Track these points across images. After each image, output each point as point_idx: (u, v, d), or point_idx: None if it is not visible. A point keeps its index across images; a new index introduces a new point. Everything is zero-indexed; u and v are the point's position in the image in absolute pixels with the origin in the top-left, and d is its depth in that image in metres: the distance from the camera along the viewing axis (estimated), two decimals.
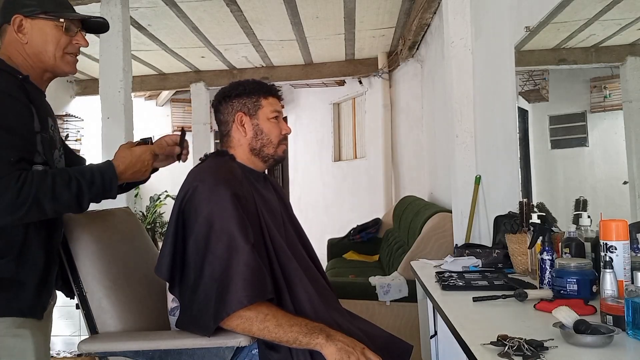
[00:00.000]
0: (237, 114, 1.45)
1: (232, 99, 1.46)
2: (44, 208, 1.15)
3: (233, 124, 1.46)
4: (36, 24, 1.27)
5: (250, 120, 1.45)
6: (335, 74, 6.41)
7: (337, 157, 7.47)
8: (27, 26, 1.27)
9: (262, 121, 1.46)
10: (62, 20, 1.29)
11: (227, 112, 1.47)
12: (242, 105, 1.46)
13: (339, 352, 1.19)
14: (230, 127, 1.47)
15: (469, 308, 1.39)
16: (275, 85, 1.53)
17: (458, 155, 2.83)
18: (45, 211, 1.16)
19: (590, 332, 1.03)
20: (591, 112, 1.81)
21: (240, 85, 1.48)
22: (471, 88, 2.82)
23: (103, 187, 1.24)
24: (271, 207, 1.48)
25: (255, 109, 1.46)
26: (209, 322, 1.21)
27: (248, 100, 1.46)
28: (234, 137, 1.47)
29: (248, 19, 4.59)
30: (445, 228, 3.01)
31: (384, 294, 2.95)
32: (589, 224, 1.70)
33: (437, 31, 4.01)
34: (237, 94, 1.46)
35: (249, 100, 1.46)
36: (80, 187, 1.19)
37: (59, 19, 1.29)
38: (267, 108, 1.47)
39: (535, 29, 2.01)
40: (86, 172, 1.23)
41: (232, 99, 1.46)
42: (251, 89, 1.47)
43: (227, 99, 1.47)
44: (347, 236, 5.07)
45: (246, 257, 1.23)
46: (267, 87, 1.49)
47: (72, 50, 1.34)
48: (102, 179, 1.24)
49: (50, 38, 1.28)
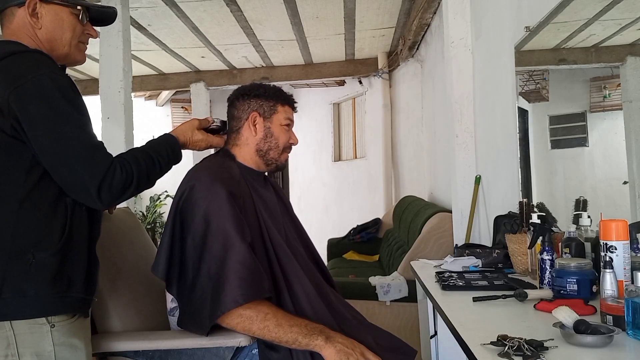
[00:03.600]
0: (251, 113, 1.47)
1: (250, 98, 1.48)
2: (141, 190, 1.18)
3: (245, 122, 1.48)
4: (52, 9, 1.22)
5: (263, 122, 1.47)
6: (335, 74, 6.41)
7: (337, 157, 7.47)
8: (42, 11, 1.21)
9: (275, 126, 1.49)
10: (79, 7, 1.25)
11: (242, 109, 1.49)
12: (259, 106, 1.48)
13: (337, 353, 1.19)
14: (242, 124, 1.48)
15: (469, 308, 1.39)
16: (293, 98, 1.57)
17: (458, 155, 2.83)
18: (139, 192, 1.19)
19: (590, 332, 1.03)
20: (591, 112, 1.81)
21: (261, 87, 1.51)
22: (471, 88, 2.82)
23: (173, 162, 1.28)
24: (270, 207, 1.48)
25: (271, 112, 1.49)
26: (205, 320, 1.22)
27: (265, 103, 1.48)
28: (243, 134, 1.49)
29: (248, 19, 4.59)
30: (445, 228, 3.01)
31: (384, 294, 2.95)
32: (589, 224, 1.69)
33: (437, 31, 4.01)
34: (256, 95, 1.49)
35: (266, 103, 1.48)
36: (162, 166, 1.23)
37: (75, 6, 1.25)
38: (282, 115, 1.50)
39: (535, 29, 2.01)
40: (162, 151, 1.24)
41: (250, 98, 1.48)
42: (271, 93, 1.49)
43: (245, 97, 1.49)
44: (347, 236, 5.07)
45: (242, 256, 1.23)
46: (286, 95, 1.53)
47: (84, 39, 1.30)
48: (175, 155, 1.28)
49: (67, 25, 1.24)
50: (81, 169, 1.09)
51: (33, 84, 1.08)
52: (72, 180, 1.10)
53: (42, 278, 1.08)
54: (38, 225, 1.10)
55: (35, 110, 1.07)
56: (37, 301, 1.08)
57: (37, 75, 1.09)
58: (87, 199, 1.12)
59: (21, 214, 1.08)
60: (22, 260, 1.07)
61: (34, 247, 1.08)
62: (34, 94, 1.07)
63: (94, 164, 1.09)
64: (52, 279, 1.09)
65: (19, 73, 1.08)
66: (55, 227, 1.12)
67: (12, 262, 1.07)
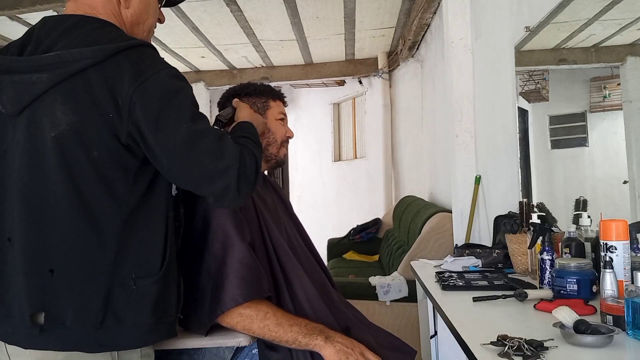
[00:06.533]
0: None
1: (241, 97, 1.48)
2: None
3: None
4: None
5: None
6: (335, 74, 6.41)
7: (337, 157, 7.47)
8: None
9: (270, 121, 1.49)
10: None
11: None
12: (252, 104, 1.48)
13: (337, 353, 1.19)
14: None
15: (469, 308, 1.39)
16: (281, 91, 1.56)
17: (458, 155, 2.83)
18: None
19: (590, 332, 1.03)
20: (591, 112, 1.81)
21: (250, 86, 1.51)
22: (471, 88, 2.82)
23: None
24: (270, 207, 1.48)
25: (264, 108, 1.49)
26: (204, 319, 1.22)
27: (257, 100, 1.48)
28: None
29: (248, 19, 4.59)
30: (445, 228, 3.01)
31: (384, 294, 2.95)
32: (589, 224, 1.69)
33: (437, 31, 4.01)
34: (247, 93, 1.49)
35: (258, 100, 1.48)
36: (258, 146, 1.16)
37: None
38: (275, 109, 1.50)
39: (535, 29, 2.01)
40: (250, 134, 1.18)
41: (242, 97, 1.48)
42: (261, 90, 1.49)
43: (237, 97, 1.48)
44: (347, 236, 5.07)
45: (242, 255, 1.23)
46: (275, 91, 1.53)
47: (156, 25, 1.22)
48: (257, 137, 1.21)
49: (152, 9, 1.16)
50: (217, 163, 0.99)
51: (155, 82, 0.96)
52: (208, 178, 0.99)
53: (142, 307, 1.00)
54: (140, 247, 1.00)
55: (158, 110, 0.95)
56: (136, 330, 1.00)
57: (158, 72, 0.97)
58: (225, 195, 1.01)
59: (124, 235, 0.98)
60: (123, 287, 0.98)
61: (136, 273, 0.99)
62: (157, 93, 0.96)
63: (229, 155, 1.00)
64: (152, 308, 1.01)
65: (140, 69, 0.96)
66: (156, 248, 1.03)
67: (113, 290, 0.97)
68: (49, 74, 0.95)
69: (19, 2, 3.76)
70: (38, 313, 0.95)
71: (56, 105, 0.95)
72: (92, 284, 0.96)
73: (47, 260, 0.95)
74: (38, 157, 0.96)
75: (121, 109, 0.94)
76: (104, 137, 0.95)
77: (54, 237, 0.96)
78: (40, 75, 0.95)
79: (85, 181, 0.96)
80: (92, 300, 0.96)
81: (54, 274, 0.95)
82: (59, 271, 0.95)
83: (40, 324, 0.95)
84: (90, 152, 0.95)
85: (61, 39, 0.99)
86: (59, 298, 0.95)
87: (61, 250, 0.96)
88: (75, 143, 0.95)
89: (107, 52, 0.95)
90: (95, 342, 0.97)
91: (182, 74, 1.05)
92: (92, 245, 0.96)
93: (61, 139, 0.95)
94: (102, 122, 0.95)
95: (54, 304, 0.95)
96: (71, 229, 0.96)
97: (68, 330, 0.95)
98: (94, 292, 0.96)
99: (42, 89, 0.95)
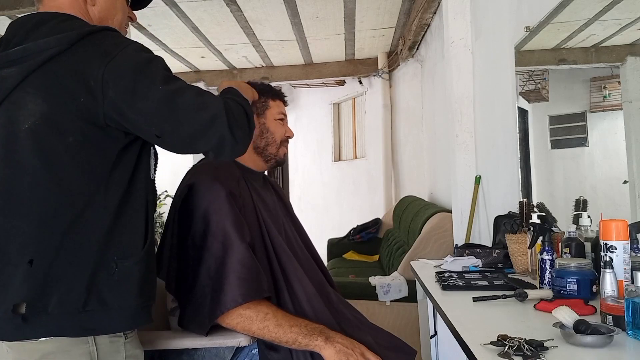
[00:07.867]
0: None
1: None
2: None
3: None
4: None
5: (257, 119, 1.46)
6: (335, 74, 6.41)
7: (337, 157, 7.47)
8: None
9: (269, 121, 1.48)
10: None
11: None
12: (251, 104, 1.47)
13: (337, 354, 1.19)
14: None
15: (469, 308, 1.39)
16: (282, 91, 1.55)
17: (458, 155, 2.83)
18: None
19: (590, 332, 1.03)
20: (591, 112, 1.81)
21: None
22: (471, 88, 2.82)
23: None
24: (270, 207, 1.48)
25: (264, 108, 1.48)
26: (204, 320, 1.22)
27: (256, 100, 1.47)
28: None
29: (248, 19, 4.59)
30: (445, 228, 3.01)
31: (384, 294, 2.95)
32: (589, 224, 1.69)
33: (437, 31, 4.01)
34: None
35: (257, 100, 1.47)
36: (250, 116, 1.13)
37: None
38: (275, 109, 1.50)
39: (535, 29, 2.01)
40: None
41: None
42: (260, 89, 1.48)
43: None
44: (347, 236, 5.07)
45: (241, 256, 1.23)
46: (275, 90, 1.52)
47: (126, 23, 1.23)
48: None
49: (120, 5, 1.17)
50: (203, 113, 0.99)
51: (123, 58, 0.97)
52: (199, 131, 0.99)
53: (126, 290, 0.99)
54: (122, 230, 1.00)
55: (132, 82, 0.96)
56: (122, 314, 0.99)
57: (124, 48, 0.99)
58: (222, 145, 1.01)
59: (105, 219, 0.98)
60: (107, 270, 0.98)
61: (118, 255, 0.99)
62: (127, 68, 0.97)
63: (213, 105, 1.00)
64: (138, 291, 1.01)
65: (106, 49, 0.97)
66: (138, 232, 1.03)
67: (97, 274, 0.97)
68: (17, 67, 0.96)
69: (19, 2, 3.76)
70: (20, 304, 0.95)
71: (27, 97, 0.96)
72: (74, 270, 0.96)
73: (26, 251, 0.95)
74: (14, 150, 0.97)
75: (94, 90, 0.95)
76: (78, 123, 0.96)
77: (32, 227, 0.95)
78: (9, 70, 0.97)
79: (63, 168, 0.96)
80: (76, 285, 0.96)
81: (33, 264, 0.94)
82: (38, 261, 0.95)
83: (22, 314, 0.94)
84: (66, 139, 0.96)
85: (29, 35, 1.00)
86: (41, 287, 0.95)
87: (40, 240, 0.95)
88: (50, 131, 0.96)
89: (71, 39, 0.97)
90: (78, 326, 0.96)
91: (149, 48, 1.06)
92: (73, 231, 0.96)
93: (35, 129, 0.95)
94: (74, 107, 0.95)
95: (36, 293, 0.95)
96: (51, 216, 0.95)
97: (50, 316, 0.95)
98: (77, 278, 0.96)
99: (14, 83, 0.96)
